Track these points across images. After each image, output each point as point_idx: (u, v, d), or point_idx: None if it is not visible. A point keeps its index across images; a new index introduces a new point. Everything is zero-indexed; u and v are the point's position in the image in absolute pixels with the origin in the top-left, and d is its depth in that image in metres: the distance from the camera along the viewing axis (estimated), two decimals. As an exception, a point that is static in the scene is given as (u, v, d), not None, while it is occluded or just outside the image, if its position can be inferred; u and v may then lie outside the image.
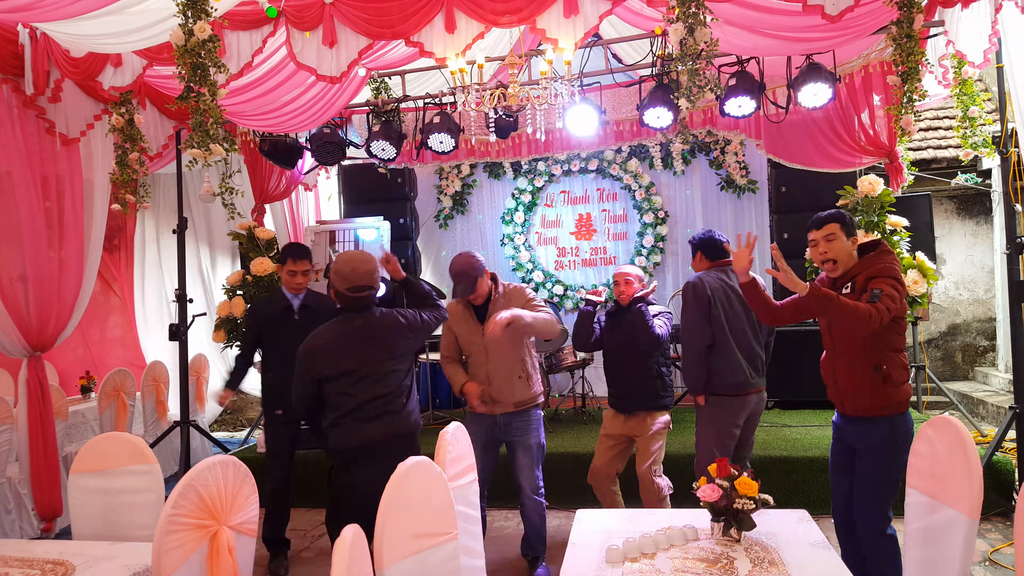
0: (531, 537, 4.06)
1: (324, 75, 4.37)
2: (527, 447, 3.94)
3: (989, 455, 4.70)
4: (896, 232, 4.96)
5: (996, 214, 8.29)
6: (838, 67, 5.04)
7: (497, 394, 3.90)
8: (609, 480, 4.30)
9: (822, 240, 3.18)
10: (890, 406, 3.07)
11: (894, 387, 3.06)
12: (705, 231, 4.18)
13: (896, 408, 3.07)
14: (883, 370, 3.04)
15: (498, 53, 5.87)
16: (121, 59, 4.60)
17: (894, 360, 3.07)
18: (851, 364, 3.14)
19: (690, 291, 3.94)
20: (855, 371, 3.12)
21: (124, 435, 3.07)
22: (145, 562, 2.53)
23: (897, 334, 3.11)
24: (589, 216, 8.30)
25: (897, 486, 3.06)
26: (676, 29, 3.65)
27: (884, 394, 3.06)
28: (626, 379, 4.24)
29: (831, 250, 3.16)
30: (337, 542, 1.69)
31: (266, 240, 6.37)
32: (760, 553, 2.31)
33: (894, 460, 3.01)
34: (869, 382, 3.07)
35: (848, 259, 3.16)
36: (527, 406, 3.97)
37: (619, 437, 4.27)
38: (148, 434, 6.25)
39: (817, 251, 3.21)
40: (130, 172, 4.82)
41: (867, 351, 3.07)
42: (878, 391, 3.06)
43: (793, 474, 4.95)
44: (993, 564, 4.01)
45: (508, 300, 3.92)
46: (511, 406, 3.91)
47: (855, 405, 3.15)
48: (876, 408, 3.08)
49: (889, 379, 3.04)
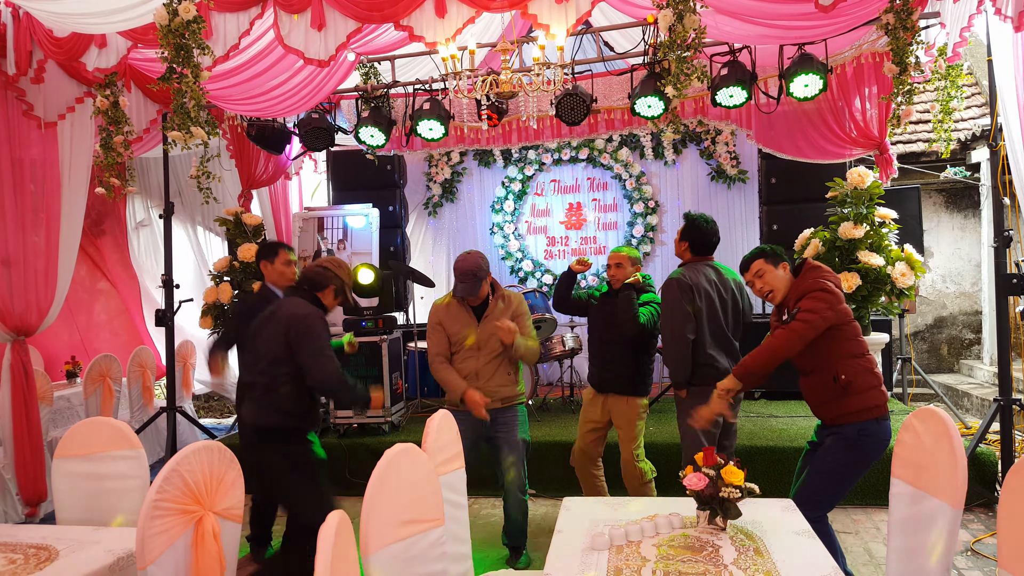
0: (513, 530, 4.07)
1: (312, 59, 4.33)
2: (513, 443, 3.94)
3: (973, 446, 4.74)
4: (885, 224, 4.98)
5: (984, 207, 8.33)
6: (830, 58, 5.04)
7: (484, 389, 3.89)
8: (591, 463, 4.33)
9: (755, 279, 3.34)
10: (857, 412, 3.08)
11: (857, 395, 3.07)
12: (701, 222, 4.02)
13: (864, 414, 3.08)
14: (842, 380, 3.06)
15: (488, 39, 5.83)
16: (106, 40, 4.53)
17: (853, 367, 3.09)
18: (811, 378, 3.19)
19: (675, 287, 3.94)
20: (816, 384, 3.17)
21: (109, 420, 3.06)
22: (129, 547, 2.52)
23: (848, 340, 3.13)
24: (579, 205, 8.28)
25: (844, 491, 3.12)
26: (665, 15, 3.64)
27: (848, 403, 3.08)
28: (606, 361, 4.26)
29: (766, 284, 3.31)
30: (322, 528, 1.68)
31: (253, 226, 6.32)
32: (745, 541, 2.32)
33: (851, 466, 3.03)
34: (831, 393, 3.11)
35: (784, 285, 3.29)
36: (513, 402, 4.00)
37: (597, 420, 4.29)
38: (134, 420, 6.22)
39: (755, 288, 3.36)
40: (114, 155, 4.77)
41: (823, 364, 3.12)
42: (842, 401, 3.09)
43: (779, 464, 4.99)
44: (975, 554, 4.06)
45: (508, 306, 3.98)
46: (498, 402, 3.92)
47: (824, 415, 3.21)
48: (844, 416, 3.10)
49: (851, 387, 3.06)
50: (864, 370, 3.11)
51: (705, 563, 2.15)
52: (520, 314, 4.01)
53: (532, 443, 4.18)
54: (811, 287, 3.13)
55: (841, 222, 4.97)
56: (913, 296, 5.08)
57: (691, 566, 2.13)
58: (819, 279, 3.16)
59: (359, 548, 1.96)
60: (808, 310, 3.06)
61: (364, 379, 5.71)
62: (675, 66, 3.77)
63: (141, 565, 2.14)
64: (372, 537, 2.02)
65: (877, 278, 4.82)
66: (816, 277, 3.18)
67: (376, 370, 5.73)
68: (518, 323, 3.95)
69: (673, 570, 2.11)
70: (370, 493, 2.06)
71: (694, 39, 3.72)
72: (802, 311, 3.08)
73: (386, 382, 5.74)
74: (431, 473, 2.37)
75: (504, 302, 4.01)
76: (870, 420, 3.08)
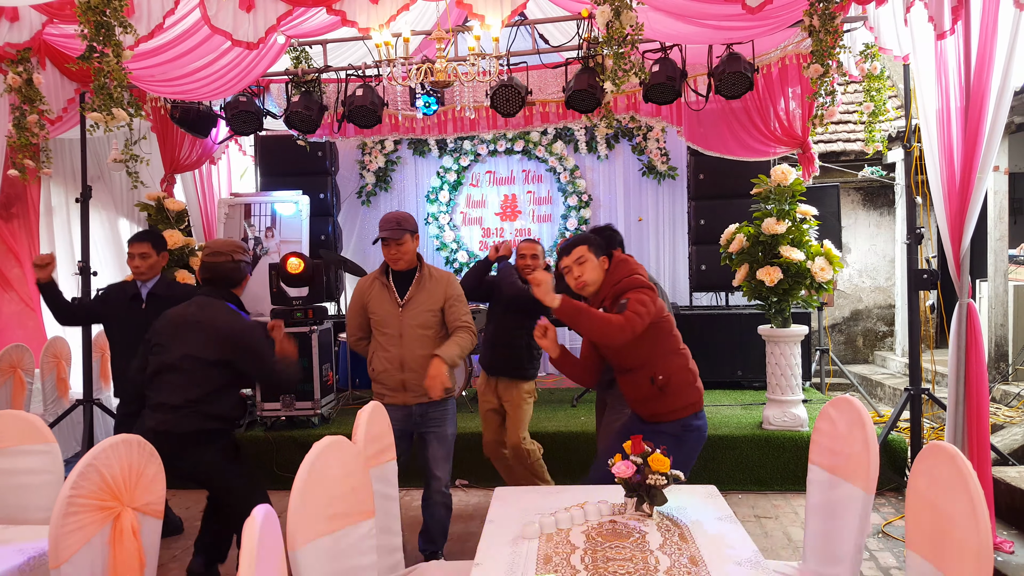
0: (433, 531, 3.85)
1: (240, 40, 4.21)
2: (443, 438, 3.73)
3: (885, 434, 4.97)
4: (806, 220, 5.15)
5: (898, 206, 8.72)
6: (757, 58, 5.18)
7: (410, 381, 3.60)
8: (504, 447, 4.44)
9: (574, 265, 3.15)
10: (677, 410, 3.11)
11: (675, 393, 3.09)
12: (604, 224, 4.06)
13: (685, 411, 3.12)
14: (659, 380, 3.05)
15: (424, 27, 5.78)
16: (17, 13, 4.30)
17: (670, 365, 3.09)
18: (629, 377, 3.15)
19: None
20: (635, 382, 3.14)
21: (19, 413, 2.93)
22: (42, 546, 2.42)
23: (667, 336, 3.13)
24: (514, 197, 8.31)
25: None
26: (603, 12, 3.67)
27: (667, 401, 3.10)
28: (499, 344, 4.37)
29: (584, 272, 3.14)
30: (247, 522, 1.64)
31: (176, 212, 6.10)
32: (671, 527, 2.38)
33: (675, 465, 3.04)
34: (649, 393, 3.10)
35: (600, 278, 3.16)
36: (443, 396, 3.64)
37: (493, 403, 4.42)
38: (48, 413, 5.94)
39: (572, 277, 3.17)
40: (28, 136, 4.53)
41: (643, 362, 3.09)
42: (660, 400, 3.09)
43: (703, 451, 5.02)
44: (886, 536, 4.26)
45: (436, 284, 3.67)
46: (425, 396, 3.59)
47: (644, 412, 3.19)
48: (664, 414, 3.12)
49: (668, 387, 3.06)
50: (681, 367, 3.13)
51: (632, 549, 2.19)
52: (453, 297, 3.67)
53: (468, 434, 4.21)
54: (632, 283, 3.05)
55: (765, 218, 5.13)
56: (831, 290, 5.28)
57: (619, 551, 2.17)
58: (635, 274, 3.10)
59: (286, 543, 1.92)
60: (640, 302, 2.94)
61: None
62: (613, 62, 3.81)
63: (54, 564, 2.05)
64: (300, 531, 1.99)
65: (798, 272, 5.00)
66: (630, 271, 3.11)
67: (306, 361, 5.62)
68: (453, 309, 3.64)
69: (601, 556, 2.14)
70: (297, 486, 2.02)
71: (631, 35, 3.76)
72: (632, 302, 2.94)
73: (316, 373, 5.64)
74: (361, 465, 2.35)
75: (432, 281, 3.66)
76: (690, 416, 3.13)
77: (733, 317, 6.71)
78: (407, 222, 3.64)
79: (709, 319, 6.75)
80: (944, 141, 3.94)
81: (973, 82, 3.71)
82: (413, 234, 3.66)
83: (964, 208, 3.84)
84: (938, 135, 3.98)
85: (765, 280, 4.98)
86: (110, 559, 2.22)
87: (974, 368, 3.89)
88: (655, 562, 2.10)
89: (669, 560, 2.11)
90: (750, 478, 5.12)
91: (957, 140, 3.85)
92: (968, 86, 3.74)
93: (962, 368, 3.93)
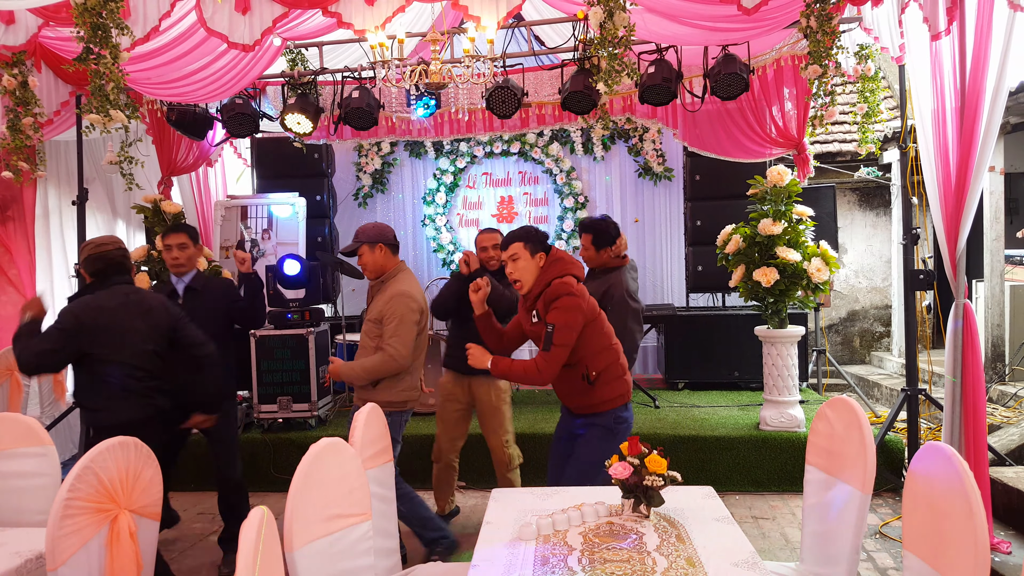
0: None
1: (236, 43, 4.21)
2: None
3: (882, 435, 4.97)
4: (802, 221, 5.16)
5: (894, 206, 8.74)
6: (752, 59, 5.18)
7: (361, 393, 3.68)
8: (455, 453, 4.37)
9: (508, 261, 3.15)
10: (608, 401, 3.18)
11: (606, 384, 3.16)
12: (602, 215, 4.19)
13: (615, 402, 3.19)
14: (592, 376, 3.12)
15: (420, 29, 5.78)
16: (14, 16, 4.30)
17: (600, 361, 3.15)
18: (563, 374, 3.16)
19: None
20: (567, 380, 3.19)
21: (16, 416, 2.92)
22: (38, 548, 2.42)
23: (598, 335, 3.16)
24: (511, 199, 8.31)
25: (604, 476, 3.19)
26: (596, 12, 3.67)
27: (598, 394, 3.16)
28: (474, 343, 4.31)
29: (516, 270, 3.14)
30: (244, 523, 1.64)
31: (173, 214, 6.09)
32: (668, 528, 2.38)
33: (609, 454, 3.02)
34: (581, 388, 3.17)
35: (533, 277, 3.14)
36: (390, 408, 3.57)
37: (461, 400, 4.29)
38: (45, 416, 5.93)
39: (507, 271, 3.19)
40: (23, 138, 4.53)
41: (574, 361, 3.12)
42: (589, 393, 3.16)
43: (700, 452, 5.13)
44: (883, 537, 4.27)
45: (382, 297, 3.66)
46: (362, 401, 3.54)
47: (573, 404, 3.27)
48: (595, 406, 3.19)
49: (599, 381, 3.14)
50: (611, 362, 3.18)
51: (629, 550, 2.20)
52: (387, 315, 3.57)
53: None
54: (560, 289, 3.04)
55: (761, 219, 5.14)
56: (828, 291, 5.29)
57: (616, 553, 2.17)
58: (565, 282, 3.07)
59: (283, 545, 1.92)
60: (563, 332, 2.98)
61: (290, 373, 5.62)
62: (606, 63, 3.82)
63: (51, 567, 2.05)
64: (296, 533, 1.99)
65: (794, 273, 5.01)
66: (563, 272, 3.11)
67: (303, 363, 5.62)
68: (384, 328, 3.58)
69: (599, 557, 2.14)
70: (295, 488, 2.02)
71: (624, 36, 3.77)
72: (557, 332, 2.97)
73: (313, 376, 5.63)
74: (358, 467, 2.35)
75: (382, 294, 3.66)
76: (620, 407, 3.21)
77: (730, 318, 6.72)
78: (364, 233, 3.72)
79: (706, 320, 6.77)
80: (940, 141, 3.95)
81: (968, 82, 3.72)
82: (373, 244, 3.69)
83: (960, 208, 3.85)
84: (934, 136, 3.99)
85: (761, 281, 4.99)
86: (107, 562, 2.22)
87: (971, 368, 3.90)
88: (652, 563, 2.10)
89: (666, 561, 2.12)
90: (747, 479, 5.12)
91: (953, 140, 3.86)
92: (963, 86, 3.75)
93: (959, 368, 3.93)
